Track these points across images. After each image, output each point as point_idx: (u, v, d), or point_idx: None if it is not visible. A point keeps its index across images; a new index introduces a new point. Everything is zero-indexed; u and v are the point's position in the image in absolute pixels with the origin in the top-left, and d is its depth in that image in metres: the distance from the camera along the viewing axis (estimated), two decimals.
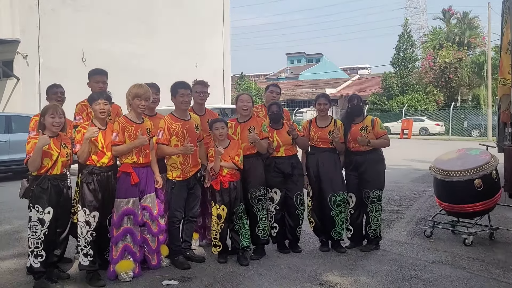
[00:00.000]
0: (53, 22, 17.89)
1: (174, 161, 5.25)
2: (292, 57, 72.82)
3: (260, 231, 5.60)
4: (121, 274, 4.85)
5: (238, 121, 5.76)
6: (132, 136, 4.92)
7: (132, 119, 5.02)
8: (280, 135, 5.76)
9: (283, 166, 5.75)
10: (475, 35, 42.22)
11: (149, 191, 5.08)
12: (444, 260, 5.62)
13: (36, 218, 4.55)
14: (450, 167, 6.31)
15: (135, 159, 4.95)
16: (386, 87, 41.27)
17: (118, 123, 4.97)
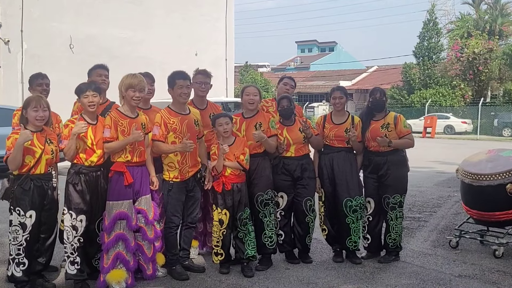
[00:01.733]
0: (38, 5, 17.93)
1: (171, 160, 5.22)
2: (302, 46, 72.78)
3: (266, 239, 5.59)
4: (112, 285, 4.83)
5: (244, 116, 5.71)
6: (126, 131, 4.88)
7: (126, 113, 4.98)
8: (290, 133, 5.72)
9: (292, 168, 5.72)
10: (508, 23, 42.11)
11: (144, 192, 5.06)
12: (472, 273, 5.61)
13: (17, 222, 4.55)
14: (480, 170, 6.30)
15: (129, 157, 4.92)
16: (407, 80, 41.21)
17: (110, 117, 4.93)
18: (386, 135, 5.78)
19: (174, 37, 21.34)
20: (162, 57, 20.11)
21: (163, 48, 20.70)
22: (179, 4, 21.58)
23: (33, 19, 17.83)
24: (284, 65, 67.50)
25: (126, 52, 18.99)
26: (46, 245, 4.79)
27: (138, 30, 20.29)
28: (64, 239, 4.86)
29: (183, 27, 21.78)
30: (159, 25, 20.95)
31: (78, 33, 18.75)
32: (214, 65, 22.57)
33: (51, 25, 18.20)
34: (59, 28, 18.36)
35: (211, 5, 23.24)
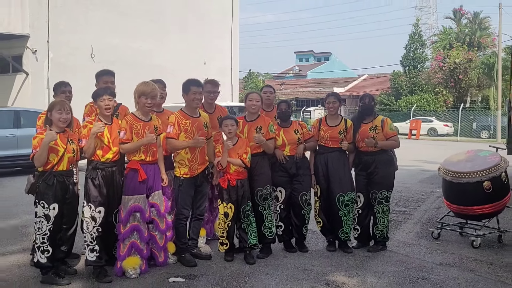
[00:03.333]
0: (62, 17, 17.97)
1: (182, 158, 5.24)
2: (300, 56, 72.64)
3: (266, 229, 5.61)
4: (128, 271, 4.87)
5: (246, 119, 5.73)
6: (140, 134, 4.93)
7: (140, 117, 5.03)
8: (286, 134, 5.75)
9: (288, 165, 5.73)
10: (486, 36, 42.04)
11: (156, 188, 5.10)
12: (452, 262, 5.60)
13: (42, 214, 4.57)
14: (459, 168, 6.29)
15: (142, 157, 4.97)
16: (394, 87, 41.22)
17: (126, 121, 4.98)
18: (374, 137, 5.78)
19: (185, 48, 21.37)
20: (174, 65, 20.12)
21: (175, 57, 20.72)
22: (190, 19, 21.61)
23: (58, 31, 17.86)
24: (284, 73, 67.36)
25: (142, 61, 19.01)
26: (68, 235, 4.79)
27: (153, 41, 20.32)
28: (84, 229, 4.87)
29: (193, 39, 21.79)
30: (173, 38, 20.99)
31: (99, 44, 18.79)
32: (221, 73, 22.60)
33: (74, 36, 18.22)
34: (82, 39, 18.39)
35: (218, 20, 23.26)
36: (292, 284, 4.81)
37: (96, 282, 4.78)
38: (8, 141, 12.00)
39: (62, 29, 17.97)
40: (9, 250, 5.84)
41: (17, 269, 5.19)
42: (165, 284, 4.77)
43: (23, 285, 4.73)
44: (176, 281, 4.84)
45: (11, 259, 5.53)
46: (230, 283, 4.82)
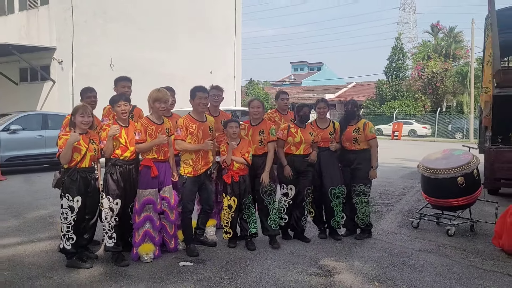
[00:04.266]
0: (85, 32, 17.98)
1: (187, 158, 5.18)
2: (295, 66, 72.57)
3: (271, 222, 5.55)
4: (143, 256, 4.90)
5: (251, 124, 5.68)
6: (153, 135, 4.95)
7: (153, 120, 5.05)
8: (304, 133, 5.68)
9: (299, 164, 5.66)
10: (460, 48, 42.09)
11: (167, 183, 5.10)
12: (429, 248, 5.61)
13: (67, 206, 4.60)
14: (436, 165, 6.29)
15: (155, 155, 4.98)
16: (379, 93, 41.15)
17: (141, 123, 4.98)
18: (356, 138, 5.86)
19: (193, 58, 21.35)
20: (184, 74, 20.12)
21: (184, 66, 20.71)
22: (197, 32, 21.60)
23: (81, 44, 17.87)
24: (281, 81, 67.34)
25: (155, 70, 18.99)
26: (90, 224, 4.81)
27: (165, 52, 20.30)
28: (102, 218, 4.88)
29: (201, 50, 21.78)
30: (182, 48, 20.98)
31: (117, 54, 18.78)
32: (225, 81, 22.61)
33: (95, 48, 18.23)
34: (102, 51, 18.39)
35: (223, 34, 23.26)
36: (288, 268, 4.81)
37: (114, 265, 4.79)
38: (37, 141, 12.03)
39: (84, 42, 17.97)
40: (38, 237, 5.85)
41: (45, 254, 5.21)
42: (175, 268, 4.77)
43: (51, 268, 4.74)
44: (185, 265, 4.85)
45: (39, 246, 5.53)
46: (233, 266, 4.83)
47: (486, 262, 5.08)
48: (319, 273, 4.68)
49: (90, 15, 18.16)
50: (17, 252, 5.29)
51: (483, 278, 4.62)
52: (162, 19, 20.33)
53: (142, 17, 19.58)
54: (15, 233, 6.18)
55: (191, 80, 20.16)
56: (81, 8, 17.90)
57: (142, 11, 19.59)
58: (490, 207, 7.13)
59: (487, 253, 5.41)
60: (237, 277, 4.55)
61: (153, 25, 19.97)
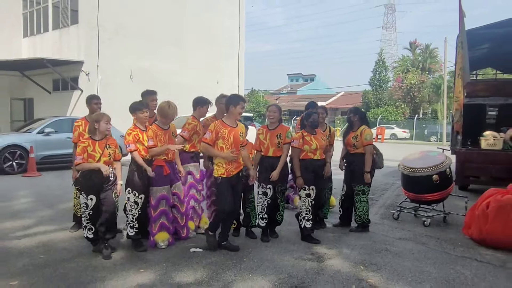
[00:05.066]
0: (109, 48, 17.99)
1: (220, 161, 4.79)
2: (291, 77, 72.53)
3: (279, 216, 5.44)
4: (159, 243, 4.92)
5: (268, 128, 5.40)
6: (162, 140, 4.93)
7: (161, 126, 5.03)
8: (317, 140, 5.34)
9: (317, 168, 5.36)
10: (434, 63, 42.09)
11: (176, 180, 5.13)
12: (408, 237, 5.61)
13: (83, 202, 4.56)
14: (414, 165, 6.30)
15: (165, 157, 4.97)
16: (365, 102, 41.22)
17: (152, 130, 4.91)
18: (354, 144, 5.79)
19: (202, 69, 21.33)
20: (194, 83, 20.11)
21: (194, 77, 20.68)
22: (206, 46, 21.57)
23: (105, 58, 17.87)
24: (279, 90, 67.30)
25: (168, 79, 18.95)
26: (107, 216, 4.56)
27: (177, 64, 20.25)
28: (127, 211, 4.89)
29: (208, 63, 21.75)
30: (191, 61, 20.95)
31: (136, 67, 18.78)
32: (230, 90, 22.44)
33: (117, 61, 18.23)
34: (123, 64, 18.39)
35: (228, 48, 23.24)
36: (285, 254, 4.82)
37: (134, 251, 4.79)
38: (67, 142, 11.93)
39: (108, 56, 17.97)
40: (68, 226, 5.83)
41: (74, 241, 5.22)
42: (187, 253, 4.78)
43: (80, 253, 4.75)
44: (195, 251, 4.85)
45: (70, 233, 5.54)
46: (237, 253, 4.83)
47: (457, 249, 5.09)
48: (312, 259, 4.69)
49: (112, 33, 18.16)
50: (50, 238, 5.30)
51: (454, 262, 4.62)
52: (175, 34, 20.34)
53: (157, 33, 19.59)
54: (49, 221, 6.19)
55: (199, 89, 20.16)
56: (105, 27, 17.91)
57: (157, 28, 19.58)
58: (460, 201, 7.12)
59: (458, 241, 5.41)
60: (240, 261, 4.55)
61: (167, 40, 19.97)
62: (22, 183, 9.75)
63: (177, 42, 20.48)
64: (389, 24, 66.94)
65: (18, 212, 6.79)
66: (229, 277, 4.12)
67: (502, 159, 7.74)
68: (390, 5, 66.94)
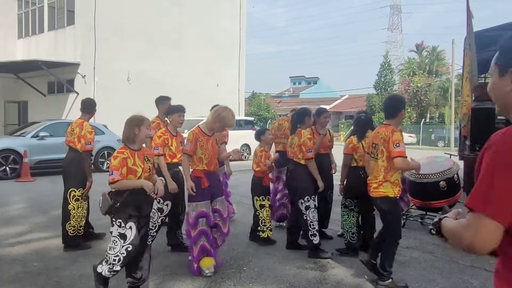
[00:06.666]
0: (105, 49, 18.07)
1: (396, 178, 4.19)
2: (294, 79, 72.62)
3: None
4: (204, 270, 4.35)
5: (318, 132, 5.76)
6: (204, 146, 4.38)
7: (205, 131, 4.46)
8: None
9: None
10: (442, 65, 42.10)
11: (218, 194, 4.53)
12: (414, 245, 5.60)
13: (117, 234, 3.45)
14: (421, 171, 6.27)
15: (205, 168, 4.40)
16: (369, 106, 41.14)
17: (192, 133, 4.41)
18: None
19: (202, 72, 21.38)
20: (194, 86, 20.18)
21: (194, 79, 20.74)
22: (206, 48, 21.63)
23: (102, 60, 17.95)
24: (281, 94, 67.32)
25: (167, 82, 18.95)
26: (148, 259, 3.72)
27: (176, 67, 20.31)
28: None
29: (208, 65, 21.80)
30: (191, 63, 21.00)
31: (134, 69, 18.84)
32: (230, 93, 22.69)
33: (114, 63, 18.29)
34: (121, 66, 18.46)
35: (229, 51, 23.30)
36: (286, 263, 4.81)
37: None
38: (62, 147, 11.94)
39: (105, 58, 18.04)
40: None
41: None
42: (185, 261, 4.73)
43: (74, 261, 4.72)
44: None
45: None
46: (237, 261, 4.83)
47: (465, 258, 5.07)
48: (315, 268, 4.68)
49: (110, 34, 18.24)
50: (44, 246, 5.31)
51: (462, 272, 4.61)
52: (174, 36, 20.41)
53: (156, 35, 19.67)
54: (43, 228, 6.19)
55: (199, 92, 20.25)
56: (102, 28, 17.99)
57: (156, 29, 19.67)
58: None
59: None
60: (240, 270, 4.54)
61: (166, 42, 20.05)
62: (15, 189, 9.76)
63: (176, 44, 20.56)
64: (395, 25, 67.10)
65: (11, 219, 6.79)
66: (228, 286, 4.11)
67: None
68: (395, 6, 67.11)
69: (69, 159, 5.33)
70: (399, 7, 67.33)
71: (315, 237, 4.95)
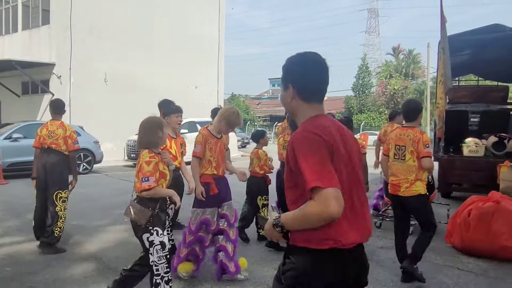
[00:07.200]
0: (82, 49, 17.78)
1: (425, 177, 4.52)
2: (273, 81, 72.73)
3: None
4: (181, 273, 4.25)
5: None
6: (213, 149, 4.23)
7: (214, 134, 4.30)
8: None
9: None
10: (418, 68, 42.97)
11: (227, 198, 4.38)
12: (390, 246, 5.67)
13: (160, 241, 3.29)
14: None
15: (214, 172, 4.23)
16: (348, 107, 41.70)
17: (202, 135, 4.23)
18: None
19: (181, 74, 21.25)
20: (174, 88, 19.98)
21: (172, 81, 20.55)
22: (185, 50, 21.50)
23: (78, 60, 17.65)
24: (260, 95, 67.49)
25: (145, 83, 18.77)
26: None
27: (155, 68, 20.13)
28: None
29: (187, 67, 21.68)
30: (170, 65, 20.84)
31: (112, 70, 18.57)
32: (209, 95, 22.62)
33: (91, 64, 18.02)
34: (98, 67, 18.18)
35: (208, 52, 23.23)
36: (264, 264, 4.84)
37: (106, 262, 4.70)
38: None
39: (81, 58, 17.75)
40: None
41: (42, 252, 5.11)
42: None
43: (48, 265, 4.64)
44: None
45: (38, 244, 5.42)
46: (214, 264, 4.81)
47: (439, 258, 5.18)
48: None
49: (86, 34, 17.96)
50: (17, 250, 5.20)
51: (436, 271, 4.71)
52: (153, 37, 20.23)
53: (134, 36, 19.46)
54: (16, 232, 6.06)
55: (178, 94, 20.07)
56: (78, 28, 17.71)
57: (134, 30, 19.46)
58: (443, 209, 7.25)
59: (440, 250, 5.51)
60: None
61: (144, 43, 19.85)
62: None
63: (155, 45, 20.38)
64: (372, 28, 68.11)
65: None
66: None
67: (483, 166, 7.94)
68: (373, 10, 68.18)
69: (52, 161, 5.22)
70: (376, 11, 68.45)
71: None
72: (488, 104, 9.71)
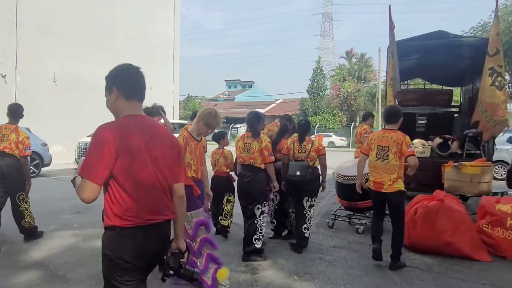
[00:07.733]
0: (28, 47, 17.01)
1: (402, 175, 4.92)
2: (229, 83, 72.86)
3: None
4: (220, 283, 4.01)
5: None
6: (193, 151, 4.11)
7: (194, 136, 4.17)
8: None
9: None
10: (370, 72, 44.24)
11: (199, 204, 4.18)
12: (342, 245, 5.82)
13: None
14: (348, 173, 6.56)
15: (193, 174, 4.11)
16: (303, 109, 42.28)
17: (182, 137, 4.13)
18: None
19: None
20: None
21: None
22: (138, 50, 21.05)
23: (25, 59, 16.88)
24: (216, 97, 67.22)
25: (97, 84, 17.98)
26: None
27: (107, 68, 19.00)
28: None
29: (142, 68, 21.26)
30: None
31: (61, 70, 17.90)
32: (165, 96, 22.27)
33: (39, 63, 17.28)
34: (46, 66, 17.46)
35: (163, 53, 22.91)
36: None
37: (53, 270, 4.53)
38: None
39: (28, 57, 16.98)
40: None
41: None
42: None
43: None
44: None
45: None
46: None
47: (387, 255, 5.32)
48: (246, 271, 4.72)
49: (33, 31, 17.20)
50: None
51: (385, 267, 4.86)
52: (104, 36, 19.68)
53: (85, 35, 18.85)
54: None
55: None
56: (25, 24, 16.93)
57: (86, 30, 18.85)
58: None
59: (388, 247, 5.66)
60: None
61: (95, 42, 19.26)
62: None
63: (108, 46, 19.83)
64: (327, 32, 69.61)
65: None
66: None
67: (429, 166, 8.26)
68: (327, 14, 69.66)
69: (9, 164, 5.45)
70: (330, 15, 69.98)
71: (259, 241, 5.08)
72: (434, 107, 10.14)
